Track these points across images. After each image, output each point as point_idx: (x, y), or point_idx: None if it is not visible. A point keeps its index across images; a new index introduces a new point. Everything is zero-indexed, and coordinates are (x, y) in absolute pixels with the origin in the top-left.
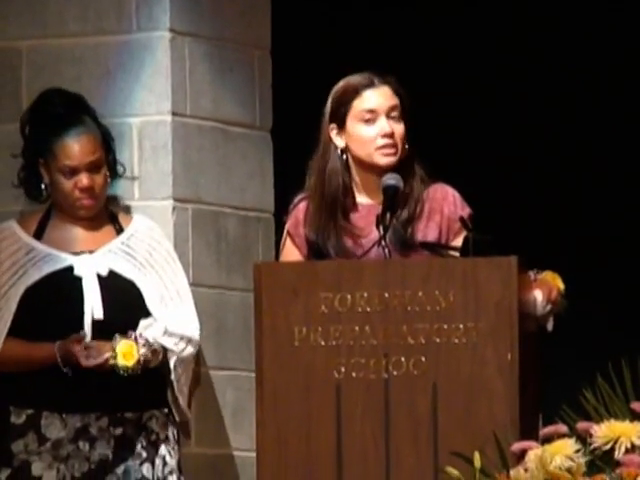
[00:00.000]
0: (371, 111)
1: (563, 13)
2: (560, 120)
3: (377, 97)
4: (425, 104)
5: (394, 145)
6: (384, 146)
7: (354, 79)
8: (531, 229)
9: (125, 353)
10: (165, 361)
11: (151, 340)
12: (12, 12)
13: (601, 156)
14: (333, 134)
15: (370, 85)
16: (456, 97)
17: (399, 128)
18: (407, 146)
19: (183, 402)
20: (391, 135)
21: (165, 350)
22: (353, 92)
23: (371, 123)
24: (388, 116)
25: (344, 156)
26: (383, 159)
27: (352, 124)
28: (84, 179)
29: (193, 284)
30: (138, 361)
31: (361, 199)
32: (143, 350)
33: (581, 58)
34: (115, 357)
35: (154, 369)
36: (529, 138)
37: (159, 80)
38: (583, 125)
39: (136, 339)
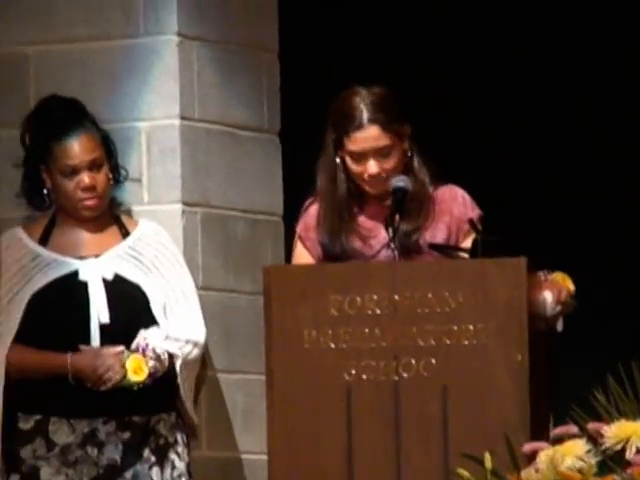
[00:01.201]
0: (358, 153)
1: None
2: (570, 121)
3: (364, 141)
4: (435, 104)
5: (380, 181)
6: (370, 182)
7: (347, 110)
8: (542, 230)
9: (135, 368)
10: (172, 366)
11: (158, 350)
12: (19, 17)
13: (615, 157)
14: (332, 146)
15: (358, 127)
16: (466, 98)
17: (388, 164)
18: (409, 154)
19: (189, 405)
20: (377, 175)
21: (170, 355)
22: (342, 130)
23: (358, 162)
24: (376, 155)
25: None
26: (372, 190)
27: (344, 154)
28: (85, 178)
29: (202, 287)
30: (149, 374)
31: (369, 201)
32: (152, 363)
33: (598, 60)
34: (125, 374)
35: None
36: (539, 139)
37: (167, 84)
38: (593, 126)
39: (144, 352)
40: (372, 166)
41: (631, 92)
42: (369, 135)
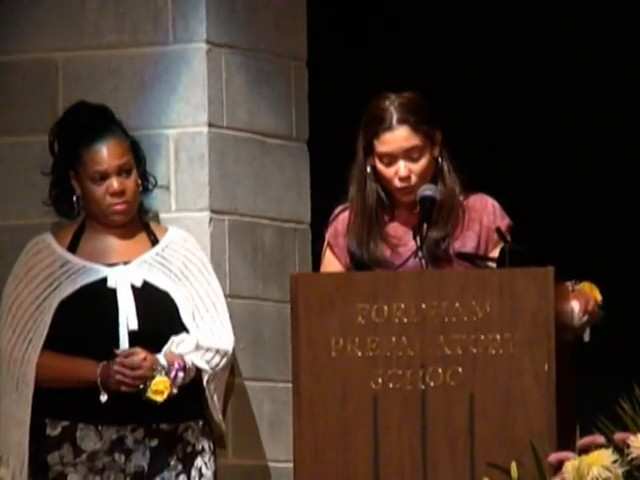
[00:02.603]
0: (388, 154)
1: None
2: (599, 135)
3: (393, 141)
4: (468, 112)
5: (411, 185)
6: (400, 188)
7: (378, 112)
8: (570, 240)
9: (156, 390)
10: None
11: (188, 365)
12: (48, 24)
13: None
14: (362, 153)
15: (388, 127)
16: (496, 109)
17: (418, 166)
18: (440, 161)
19: (217, 415)
20: (407, 178)
21: (198, 368)
22: (373, 132)
23: (389, 164)
24: (406, 157)
25: (376, 175)
26: (402, 197)
27: (375, 159)
28: (114, 183)
29: (230, 295)
30: (167, 397)
31: (399, 210)
32: (175, 390)
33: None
34: (145, 390)
35: (190, 381)
36: (571, 152)
37: (195, 91)
38: (624, 142)
39: (177, 374)
40: (402, 168)
41: None
42: (399, 136)
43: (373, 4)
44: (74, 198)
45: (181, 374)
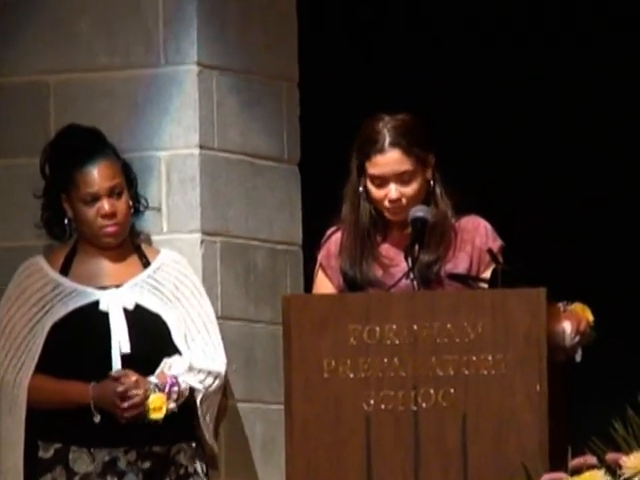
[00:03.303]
0: (379, 177)
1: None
2: (593, 154)
3: (385, 165)
4: (458, 134)
5: (401, 207)
6: (391, 208)
7: (370, 134)
8: (562, 261)
9: (154, 408)
10: (192, 396)
11: (182, 386)
12: (40, 46)
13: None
14: (356, 174)
15: (380, 150)
16: (489, 129)
17: (409, 190)
18: (432, 184)
19: (209, 437)
20: (397, 200)
21: (191, 388)
22: (364, 154)
23: (380, 187)
24: (397, 180)
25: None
26: (392, 216)
27: (366, 179)
28: (106, 204)
29: (222, 317)
30: (165, 413)
31: (391, 230)
32: (172, 405)
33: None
34: (146, 410)
35: (182, 403)
36: (560, 170)
37: (187, 113)
38: (619, 159)
39: (171, 389)
40: (393, 191)
41: None
42: (390, 159)
43: (365, 25)
44: (66, 221)
45: (175, 388)
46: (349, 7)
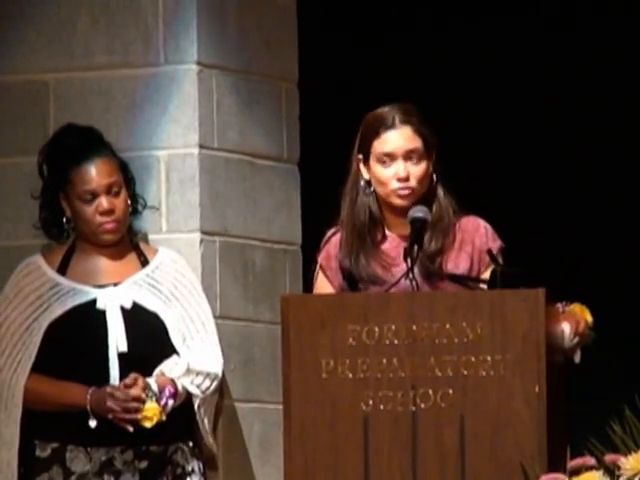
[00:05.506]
0: (388, 154)
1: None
2: (591, 153)
3: (395, 140)
4: (459, 134)
5: (409, 187)
6: (399, 189)
7: (378, 115)
8: (561, 261)
9: (145, 416)
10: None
11: (179, 392)
12: (39, 45)
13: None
14: (360, 165)
15: (390, 126)
16: (488, 130)
17: (417, 170)
18: (434, 179)
19: (208, 438)
20: (406, 179)
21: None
22: (373, 132)
23: (388, 165)
24: (406, 158)
25: (371, 187)
26: (398, 200)
27: (372, 163)
28: (104, 201)
29: (220, 316)
30: (155, 423)
31: (390, 230)
32: (164, 417)
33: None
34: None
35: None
36: (560, 173)
37: (186, 112)
38: (614, 159)
39: (165, 406)
40: (402, 168)
41: None
42: (401, 134)
43: (365, 26)
44: (64, 220)
45: (171, 402)
46: (349, 7)
